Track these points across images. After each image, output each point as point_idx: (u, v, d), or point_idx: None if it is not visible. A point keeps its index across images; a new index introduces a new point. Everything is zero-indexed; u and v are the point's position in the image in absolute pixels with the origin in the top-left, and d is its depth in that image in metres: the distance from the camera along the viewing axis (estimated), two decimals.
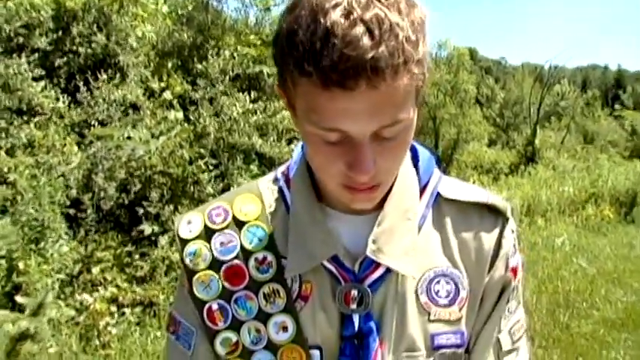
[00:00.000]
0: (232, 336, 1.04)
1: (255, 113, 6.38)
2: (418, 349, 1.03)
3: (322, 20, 0.80)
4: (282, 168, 1.13)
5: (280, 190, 1.10)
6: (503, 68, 52.37)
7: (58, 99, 7.00)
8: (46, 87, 6.89)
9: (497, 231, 1.08)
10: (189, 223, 1.09)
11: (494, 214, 1.09)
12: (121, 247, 5.66)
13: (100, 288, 5.15)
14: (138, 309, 5.17)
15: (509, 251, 1.09)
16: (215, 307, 1.05)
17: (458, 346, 1.05)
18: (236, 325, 1.04)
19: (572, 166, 14.40)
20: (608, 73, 68.19)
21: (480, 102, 25.89)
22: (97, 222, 6.14)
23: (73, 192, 6.15)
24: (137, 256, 5.53)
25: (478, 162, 18.71)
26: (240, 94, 6.64)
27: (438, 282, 1.04)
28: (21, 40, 6.95)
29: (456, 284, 1.05)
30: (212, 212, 1.09)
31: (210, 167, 6.32)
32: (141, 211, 5.96)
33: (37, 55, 6.96)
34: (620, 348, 5.17)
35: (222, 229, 1.07)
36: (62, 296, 5.19)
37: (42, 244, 5.17)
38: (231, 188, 6.41)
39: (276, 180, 1.12)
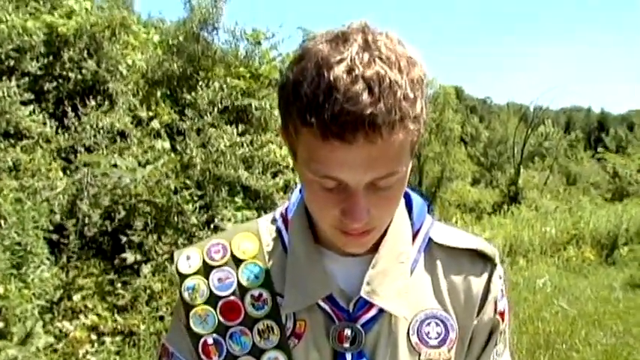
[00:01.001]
0: None
1: (242, 146, 6.40)
2: None
3: (326, 75, 0.85)
4: (280, 209, 1.17)
5: (278, 231, 1.14)
6: (488, 107, 52.90)
7: (45, 123, 6.99)
8: (34, 111, 6.88)
9: (485, 276, 1.13)
10: (188, 258, 1.12)
11: (483, 259, 1.13)
12: (103, 275, 5.62)
13: (80, 315, 5.10)
14: (118, 338, 5.12)
15: (498, 295, 1.13)
16: (210, 341, 1.07)
17: None
18: None
19: (554, 207, 14.53)
20: (592, 115, 69.08)
21: (464, 140, 26.13)
22: (79, 248, 6.08)
23: (57, 217, 6.11)
24: (119, 285, 5.48)
25: (462, 200, 18.81)
26: (228, 126, 6.66)
27: (429, 324, 1.08)
28: (12, 63, 6.95)
29: (445, 326, 1.09)
30: (211, 249, 1.13)
31: (195, 198, 6.31)
32: (124, 239, 5.92)
33: (27, 79, 6.96)
34: None
35: (221, 265, 1.11)
36: (42, 323, 5.13)
37: (23, 269, 5.12)
38: (215, 219, 6.43)
39: (274, 220, 1.16)
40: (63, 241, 6.09)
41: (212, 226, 6.09)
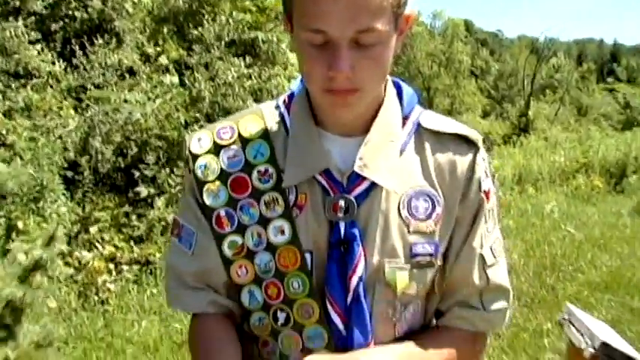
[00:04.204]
0: (238, 239, 1.18)
1: (250, 78, 6.46)
2: (398, 256, 1.17)
3: None
4: (282, 97, 1.27)
5: (281, 115, 1.24)
6: (499, 40, 52.22)
7: (54, 63, 7.05)
8: (43, 50, 6.94)
9: (470, 157, 1.22)
10: (199, 140, 1.23)
11: (467, 143, 1.23)
12: (118, 209, 5.76)
13: (97, 247, 5.26)
14: (135, 267, 5.30)
15: (482, 176, 1.22)
16: (223, 213, 1.19)
17: (431, 255, 1.19)
18: (241, 230, 1.18)
19: (564, 137, 14.52)
20: (604, 46, 68.09)
21: (474, 74, 25.93)
22: (94, 184, 6.23)
23: (71, 154, 6.23)
24: (134, 217, 5.63)
25: None
26: (235, 59, 6.70)
27: (417, 199, 1.18)
28: (17, 3, 6.98)
29: (432, 202, 1.19)
30: (220, 131, 1.23)
31: None
32: (137, 173, 6.05)
33: (33, 18, 7.00)
34: (602, 308, 5.32)
35: (229, 145, 1.22)
36: (60, 255, 5.30)
37: (41, 204, 5.27)
38: None
39: (277, 107, 1.26)
40: (77, 177, 6.23)
41: None
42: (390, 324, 1.20)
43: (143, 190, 5.97)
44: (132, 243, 5.46)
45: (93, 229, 5.38)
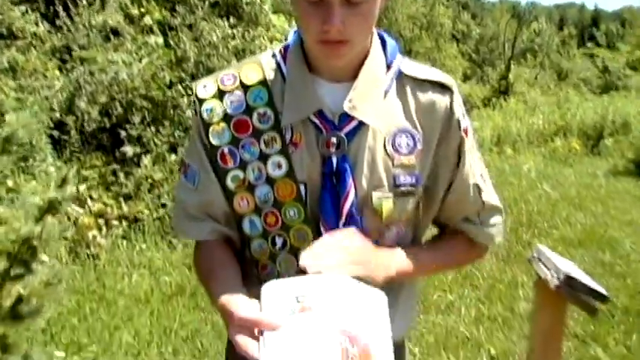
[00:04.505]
0: (240, 174, 1.35)
1: (234, 38, 6.53)
2: (383, 185, 1.35)
3: None
4: (278, 47, 1.43)
5: (277, 63, 1.40)
6: (480, 4, 52.12)
7: (37, 24, 7.06)
8: (27, 11, 6.94)
9: (447, 100, 1.40)
10: (204, 86, 1.39)
11: (444, 88, 1.40)
12: (106, 167, 5.86)
13: (87, 204, 5.37)
14: (124, 224, 5.42)
15: (459, 116, 1.41)
16: (226, 151, 1.36)
17: (412, 185, 1.37)
18: (243, 165, 1.35)
19: (543, 100, 14.72)
20: (585, 11, 68.23)
21: (455, 37, 26.00)
22: (80, 144, 6.30)
23: (57, 115, 6.29)
24: (122, 175, 5.72)
25: None
26: (219, 20, 6.76)
27: (400, 137, 1.36)
28: None
29: (413, 139, 1.36)
30: (224, 78, 1.39)
31: (189, 92, 6.48)
32: (123, 133, 6.12)
33: None
34: (576, 263, 5.55)
35: (232, 90, 1.37)
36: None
37: (30, 162, 5.35)
38: None
39: (273, 55, 1.42)
40: (64, 137, 6.30)
41: None
42: (374, 243, 1.36)
43: (129, 150, 6.06)
44: (120, 200, 5.57)
45: (81, 187, 5.48)
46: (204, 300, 4.40)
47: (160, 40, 6.63)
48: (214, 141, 1.36)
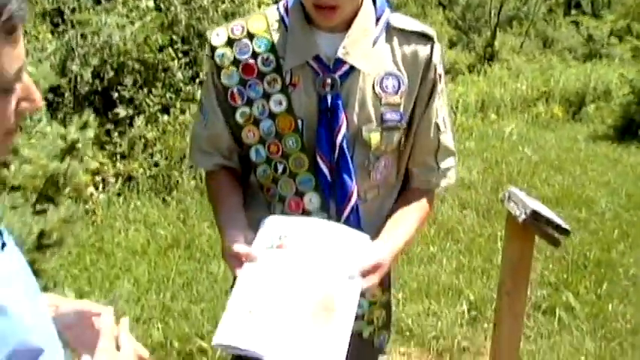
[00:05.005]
0: (247, 110, 1.60)
1: (224, 2, 6.66)
2: (372, 121, 1.59)
3: None
4: (281, 3, 1.65)
5: (280, 16, 1.63)
6: None
7: None
8: None
9: (428, 48, 1.64)
10: (217, 35, 1.63)
11: (426, 38, 1.64)
12: (100, 127, 5.99)
13: (83, 162, 5.51)
14: (119, 181, 5.60)
15: (437, 63, 1.65)
16: (235, 90, 1.60)
17: (397, 121, 1.61)
18: (249, 103, 1.60)
19: (527, 67, 14.86)
20: None
21: (442, 4, 25.98)
22: (74, 106, 6.43)
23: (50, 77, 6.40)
24: (115, 134, 5.88)
25: None
26: None
27: (387, 79, 1.60)
28: None
29: (399, 81, 1.60)
30: (234, 28, 1.63)
31: (180, 55, 6.61)
32: (115, 95, 6.26)
33: None
34: None
35: (240, 39, 1.61)
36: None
37: (27, 122, 5.49)
38: (200, 75, 6.70)
39: (277, 9, 1.64)
40: (57, 99, 6.43)
41: (197, 81, 6.46)
42: (366, 172, 1.62)
43: (122, 111, 6.20)
44: (115, 159, 5.74)
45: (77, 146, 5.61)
46: (200, 251, 4.62)
47: (151, 3, 6.73)
48: (225, 82, 1.60)
